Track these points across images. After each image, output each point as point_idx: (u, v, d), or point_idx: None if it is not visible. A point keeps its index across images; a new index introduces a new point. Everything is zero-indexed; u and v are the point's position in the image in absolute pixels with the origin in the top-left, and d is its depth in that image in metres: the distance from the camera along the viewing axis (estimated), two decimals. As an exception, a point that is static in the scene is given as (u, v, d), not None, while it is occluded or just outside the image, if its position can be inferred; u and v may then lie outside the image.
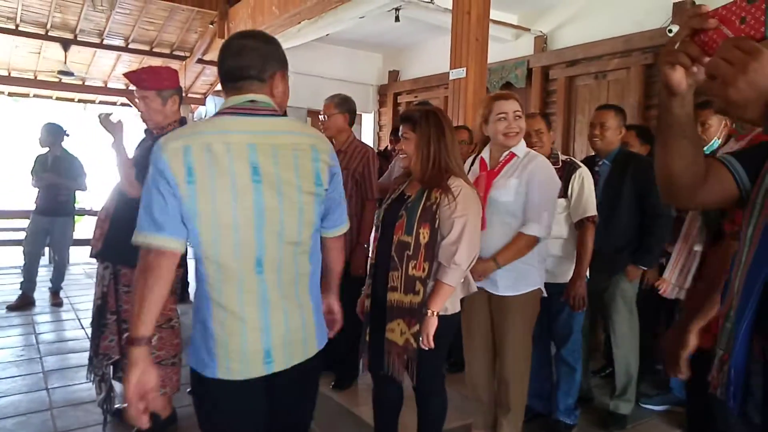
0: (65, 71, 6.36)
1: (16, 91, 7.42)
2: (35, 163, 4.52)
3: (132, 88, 2.31)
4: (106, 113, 2.25)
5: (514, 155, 2.13)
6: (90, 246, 2.40)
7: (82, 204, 6.89)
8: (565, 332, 2.48)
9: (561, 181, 2.24)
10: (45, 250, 5.10)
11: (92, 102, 8.17)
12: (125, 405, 2.80)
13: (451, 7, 3.58)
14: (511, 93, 2.22)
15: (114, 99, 7.96)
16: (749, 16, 0.75)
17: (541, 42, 4.89)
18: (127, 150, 2.26)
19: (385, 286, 1.87)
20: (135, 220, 1.19)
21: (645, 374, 3.01)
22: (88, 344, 2.54)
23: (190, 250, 1.28)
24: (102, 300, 2.30)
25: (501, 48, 5.02)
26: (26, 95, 7.67)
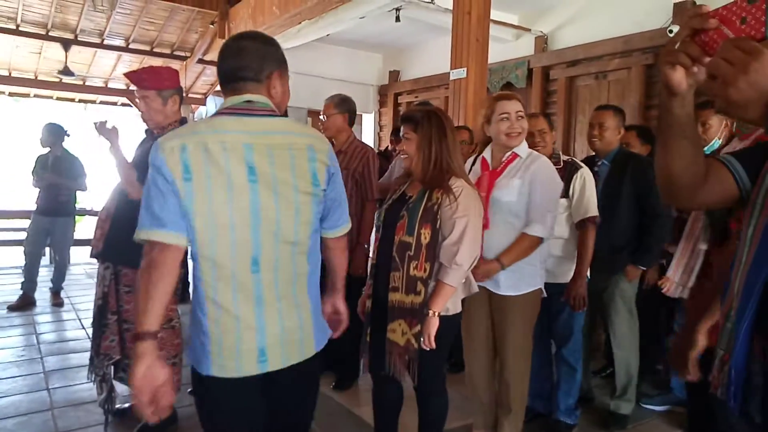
0: (66, 71, 6.37)
1: (16, 91, 7.42)
2: (36, 164, 4.53)
3: (132, 88, 2.32)
4: (101, 121, 2.27)
5: (516, 155, 2.13)
6: (91, 246, 2.40)
7: (83, 204, 6.90)
8: (565, 332, 2.48)
9: (562, 181, 2.25)
10: (46, 250, 5.10)
11: (93, 102, 8.18)
12: (126, 405, 2.79)
13: (452, 7, 3.58)
14: (514, 93, 2.22)
15: (114, 99, 7.96)
16: (749, 16, 0.75)
17: (542, 42, 4.90)
18: (126, 152, 2.27)
19: (386, 287, 1.87)
20: (136, 220, 1.20)
21: (645, 374, 3.01)
22: (89, 344, 2.54)
23: (189, 250, 1.28)
24: (103, 300, 2.31)
25: (501, 48, 5.02)
26: (27, 95, 7.67)
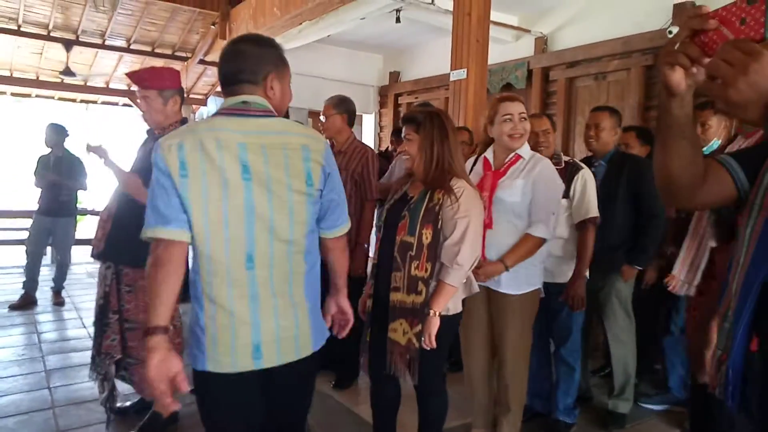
0: (67, 72, 6.38)
1: (18, 91, 7.42)
2: (38, 164, 4.55)
3: (134, 88, 2.34)
4: (89, 143, 2.35)
5: (519, 157, 2.15)
6: (91, 246, 2.40)
7: (84, 204, 6.90)
8: (564, 332, 2.48)
9: (563, 181, 2.26)
10: (47, 249, 5.11)
11: (94, 102, 8.18)
12: (128, 404, 2.80)
13: (452, 8, 3.59)
14: (517, 95, 2.24)
15: (116, 99, 7.96)
16: (749, 17, 0.75)
17: (542, 43, 4.90)
18: (123, 159, 2.31)
19: (387, 286, 1.87)
20: (137, 220, 1.23)
21: (644, 374, 3.01)
22: (90, 343, 2.54)
23: (190, 249, 1.30)
24: (104, 300, 2.31)
25: (501, 49, 5.02)
26: (28, 96, 7.68)
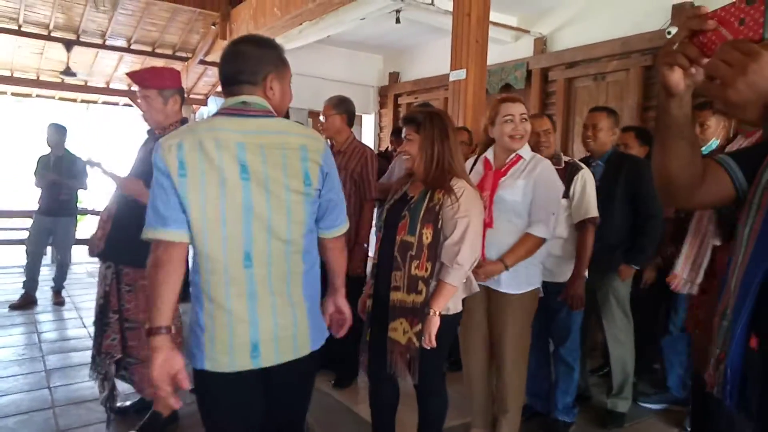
0: (68, 72, 6.38)
1: (18, 91, 7.43)
2: (38, 164, 4.55)
3: (134, 88, 2.34)
4: (90, 158, 2.43)
5: (520, 158, 2.16)
6: (90, 245, 2.40)
7: (85, 204, 6.91)
8: (563, 332, 2.48)
9: (563, 181, 2.27)
10: (47, 249, 5.11)
11: (94, 102, 8.19)
12: (128, 403, 2.80)
13: (452, 9, 3.59)
14: (518, 96, 2.25)
15: (116, 99, 7.97)
16: (748, 17, 0.75)
17: (541, 44, 4.91)
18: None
19: (387, 286, 1.88)
20: (138, 220, 1.24)
21: (643, 373, 3.02)
22: (91, 343, 2.55)
23: (190, 249, 1.30)
24: (104, 299, 2.31)
25: (501, 50, 5.03)
26: (29, 95, 7.68)
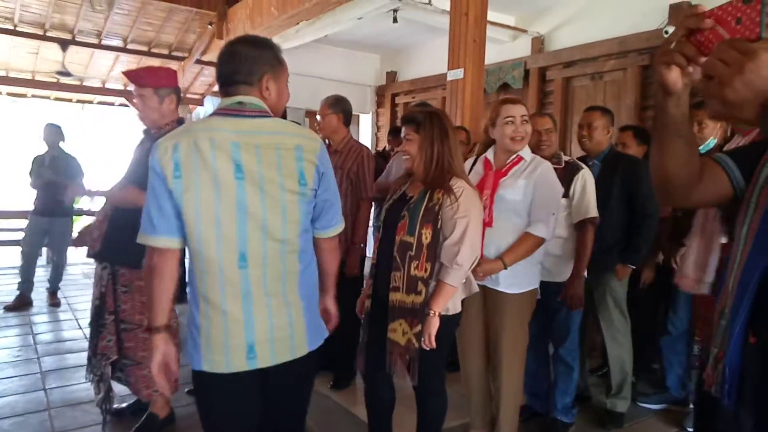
0: (63, 71, 6.35)
1: (14, 91, 7.40)
2: (33, 164, 4.52)
3: (130, 88, 2.34)
4: (89, 190, 2.53)
5: (521, 158, 2.16)
6: (87, 247, 2.39)
7: (81, 204, 6.87)
8: (563, 332, 2.48)
9: (563, 181, 2.28)
10: (43, 250, 5.09)
11: (90, 102, 8.16)
12: (124, 405, 2.79)
13: (449, 8, 3.59)
14: (519, 98, 2.26)
15: (112, 99, 7.95)
16: (744, 16, 0.75)
17: (538, 43, 4.91)
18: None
19: (386, 287, 1.87)
20: (134, 221, 1.26)
21: (642, 373, 3.02)
22: (86, 344, 2.53)
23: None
24: (100, 300, 2.30)
25: (498, 49, 5.03)
26: (24, 95, 7.65)
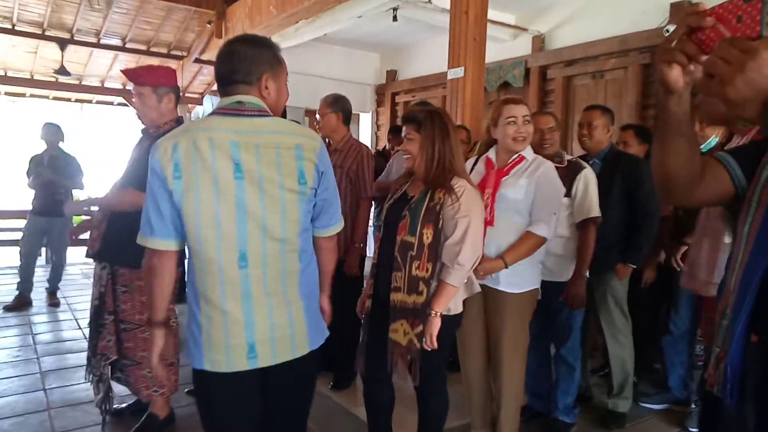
0: (62, 71, 6.34)
1: (12, 90, 7.39)
2: (30, 163, 4.50)
3: (129, 87, 2.33)
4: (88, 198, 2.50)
5: (523, 158, 2.16)
6: (86, 247, 2.39)
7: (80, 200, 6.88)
8: (565, 331, 2.47)
9: (565, 180, 2.27)
10: (42, 250, 5.08)
11: (89, 102, 8.16)
12: (123, 405, 2.79)
13: (449, 7, 3.58)
14: (521, 98, 2.26)
15: (111, 99, 7.94)
16: (745, 15, 0.75)
17: (539, 42, 4.90)
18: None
19: (387, 287, 1.86)
20: (133, 221, 1.26)
21: (643, 373, 3.01)
22: (86, 344, 2.53)
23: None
24: (100, 300, 2.30)
25: (499, 48, 5.02)
26: (23, 95, 7.65)
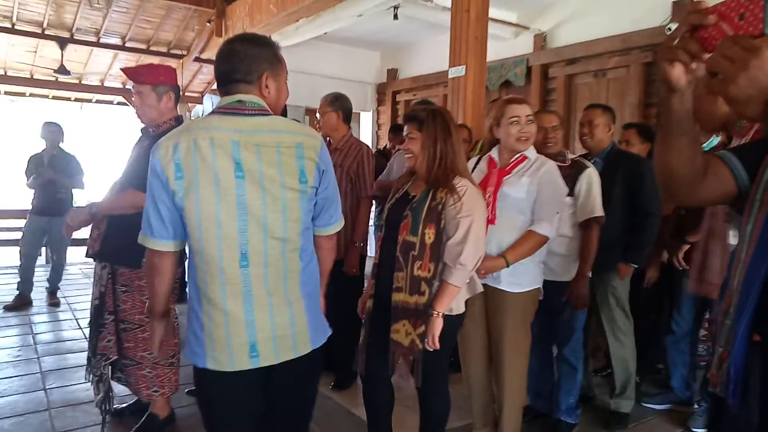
0: (62, 70, 6.34)
1: (12, 90, 7.39)
2: (29, 163, 4.49)
3: (129, 86, 2.33)
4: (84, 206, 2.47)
5: (525, 157, 2.15)
6: (86, 246, 2.39)
7: (80, 203, 6.88)
8: (567, 332, 2.46)
9: (569, 179, 2.27)
10: (42, 250, 5.09)
11: (89, 101, 8.16)
12: (123, 405, 2.79)
13: (450, 5, 3.57)
14: (524, 97, 2.25)
15: (111, 98, 7.94)
16: (747, 12, 0.74)
17: (541, 40, 4.89)
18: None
19: (389, 287, 1.85)
20: (133, 221, 1.25)
21: (646, 374, 3.01)
22: (86, 344, 2.53)
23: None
24: (100, 300, 2.29)
25: (500, 46, 5.01)
26: (22, 94, 7.65)
